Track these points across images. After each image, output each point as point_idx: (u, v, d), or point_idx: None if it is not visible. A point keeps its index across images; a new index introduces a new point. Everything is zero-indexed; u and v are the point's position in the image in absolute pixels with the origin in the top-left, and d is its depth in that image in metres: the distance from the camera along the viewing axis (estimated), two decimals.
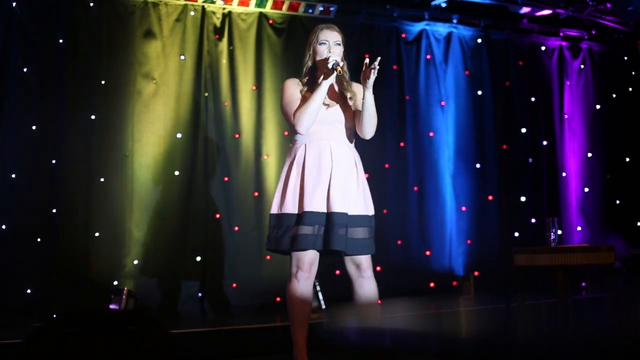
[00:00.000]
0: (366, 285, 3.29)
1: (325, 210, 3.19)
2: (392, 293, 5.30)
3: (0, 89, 5.02)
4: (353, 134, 3.40)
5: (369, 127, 3.31)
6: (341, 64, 3.22)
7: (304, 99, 3.29)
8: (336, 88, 3.40)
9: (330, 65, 3.19)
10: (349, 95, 3.36)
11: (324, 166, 3.24)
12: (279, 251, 3.32)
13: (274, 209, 3.30)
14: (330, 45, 3.31)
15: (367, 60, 3.20)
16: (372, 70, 3.15)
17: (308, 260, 3.23)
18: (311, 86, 3.34)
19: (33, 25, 5.13)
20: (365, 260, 3.28)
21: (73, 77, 5.20)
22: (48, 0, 5.19)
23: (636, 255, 6.77)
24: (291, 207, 3.23)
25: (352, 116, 3.35)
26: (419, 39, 6.50)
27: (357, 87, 3.39)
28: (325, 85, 3.23)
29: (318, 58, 3.33)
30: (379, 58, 3.17)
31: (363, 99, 3.24)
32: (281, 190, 3.30)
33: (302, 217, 3.18)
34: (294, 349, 3.29)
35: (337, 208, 3.17)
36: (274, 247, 3.29)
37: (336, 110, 3.32)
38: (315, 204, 3.18)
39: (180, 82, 5.50)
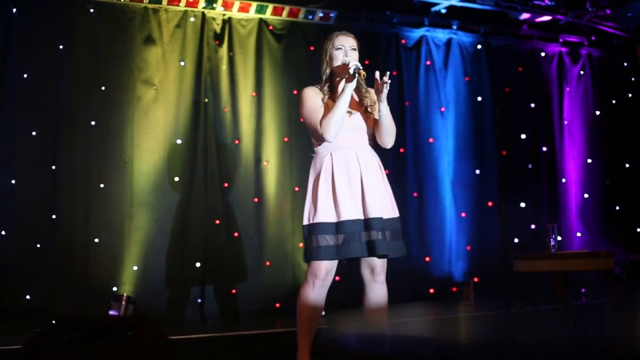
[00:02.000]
0: (378, 289, 3.31)
1: (362, 217, 3.19)
2: (391, 299, 5.24)
3: (0, 94, 5.03)
4: (373, 139, 3.39)
5: (388, 137, 3.33)
6: (361, 67, 3.18)
7: (327, 107, 3.26)
8: (355, 95, 3.37)
9: (352, 71, 3.15)
10: (368, 102, 3.35)
11: (353, 174, 3.23)
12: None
13: (305, 221, 3.25)
14: (346, 50, 3.29)
15: (377, 75, 3.19)
16: (385, 85, 3.16)
17: (325, 268, 3.22)
18: (332, 93, 3.33)
19: (33, 30, 5.14)
20: (380, 264, 3.28)
21: (73, 82, 5.21)
22: (48, 6, 5.21)
23: (636, 261, 6.76)
24: (323, 217, 3.18)
25: (372, 122, 3.35)
26: (419, 45, 6.51)
27: (374, 94, 3.36)
28: (348, 90, 3.19)
29: (335, 64, 3.31)
30: (388, 73, 3.17)
31: (379, 111, 3.25)
32: (311, 201, 3.27)
33: (340, 226, 3.16)
34: (297, 353, 3.28)
35: (374, 214, 3.17)
36: (310, 258, 3.22)
37: (357, 117, 3.31)
38: (353, 212, 3.17)
39: (180, 88, 5.51)
